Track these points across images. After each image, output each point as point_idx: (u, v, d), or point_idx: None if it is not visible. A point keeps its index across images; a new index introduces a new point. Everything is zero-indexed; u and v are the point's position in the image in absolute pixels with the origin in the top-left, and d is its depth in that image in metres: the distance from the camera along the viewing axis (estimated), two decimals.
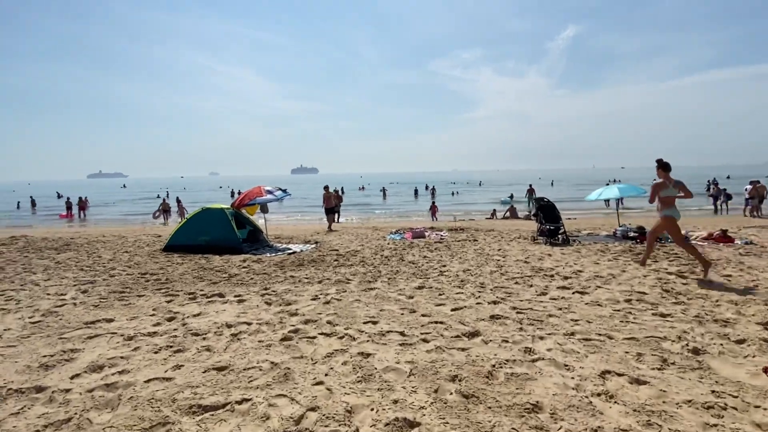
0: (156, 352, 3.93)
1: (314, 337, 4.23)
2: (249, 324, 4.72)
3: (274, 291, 6.26)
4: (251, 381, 3.30)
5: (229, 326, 4.66)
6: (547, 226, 10.21)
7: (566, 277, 6.70)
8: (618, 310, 4.95)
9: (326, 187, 16.65)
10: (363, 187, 66.73)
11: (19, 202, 41.66)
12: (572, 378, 3.24)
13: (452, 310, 5.10)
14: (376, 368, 3.46)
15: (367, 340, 4.12)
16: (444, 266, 7.92)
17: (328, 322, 4.71)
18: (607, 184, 13.49)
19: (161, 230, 16.55)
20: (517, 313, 4.93)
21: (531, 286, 6.23)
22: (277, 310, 5.26)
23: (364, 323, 4.67)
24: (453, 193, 48.76)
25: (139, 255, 9.89)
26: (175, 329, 4.59)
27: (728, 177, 56.55)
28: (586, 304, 5.26)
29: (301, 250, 10.46)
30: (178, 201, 26.17)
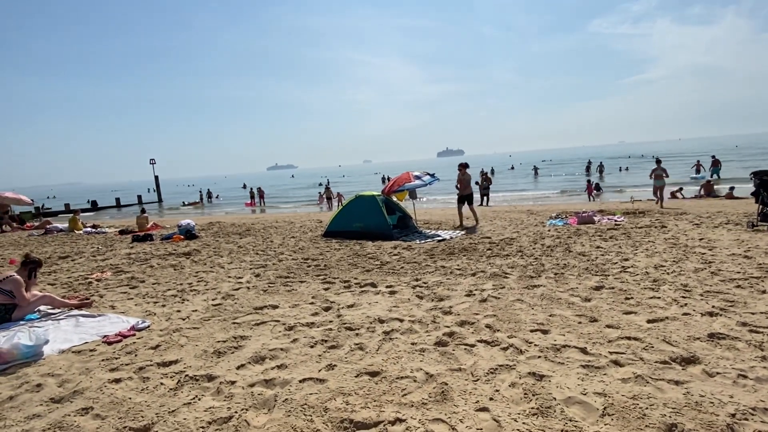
0: (312, 346, 3.87)
1: (473, 345, 3.69)
2: (401, 321, 4.41)
3: (425, 283, 5.91)
4: (405, 395, 2.93)
5: (381, 321, 4.43)
6: None
7: None
8: None
9: (463, 166, 12.27)
10: (513, 167, 63.15)
11: (208, 191, 49.54)
12: None
13: (649, 321, 4.00)
14: (555, 398, 2.76)
15: (539, 356, 3.41)
16: (626, 260, 6.55)
17: (488, 326, 4.11)
18: None
19: (323, 216, 17.92)
20: (751, 332, 3.61)
21: (764, 292, 4.61)
22: (429, 306, 4.86)
23: (532, 331, 3.94)
24: (621, 169, 42.52)
25: (303, 240, 10.66)
26: (330, 321, 4.54)
27: None
28: None
29: (451, 237, 9.99)
30: (327, 188, 28.40)
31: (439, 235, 10.33)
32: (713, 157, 26.16)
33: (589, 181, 23.92)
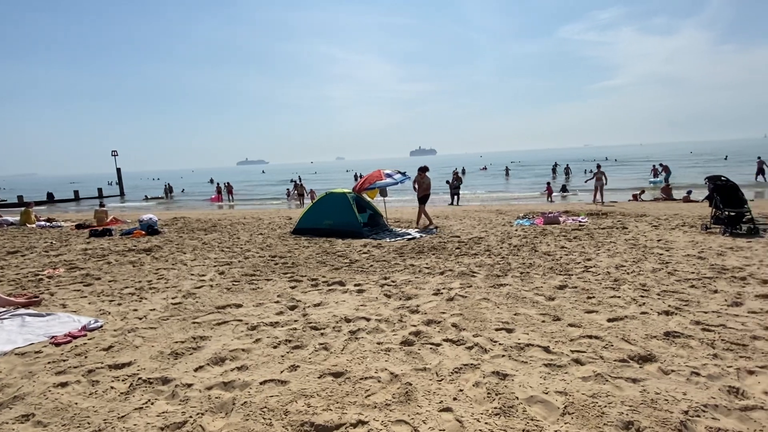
0: (275, 347, 3.77)
1: (438, 345, 3.67)
2: (368, 320, 4.36)
3: (393, 281, 5.88)
4: (369, 396, 2.88)
5: (347, 321, 4.36)
6: (727, 212, 8.12)
7: (766, 281, 5.08)
8: None
9: (422, 169, 11.76)
10: (486, 167, 64.13)
11: (169, 185, 47.85)
12: None
13: (609, 320, 4.10)
14: (517, 397, 2.77)
15: (503, 355, 3.43)
16: (589, 260, 6.72)
17: (454, 325, 4.11)
18: None
19: (293, 212, 17.65)
20: (704, 330, 3.75)
21: (715, 292, 4.82)
22: (397, 305, 4.83)
23: (497, 330, 3.97)
24: (585, 171, 43.87)
25: (272, 237, 10.44)
26: (295, 320, 4.44)
27: None
28: None
29: (420, 236, 10.01)
30: (296, 184, 28.16)
31: (409, 234, 10.35)
32: (661, 164, 28.00)
33: (548, 183, 24.56)
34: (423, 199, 11.62)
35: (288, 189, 33.64)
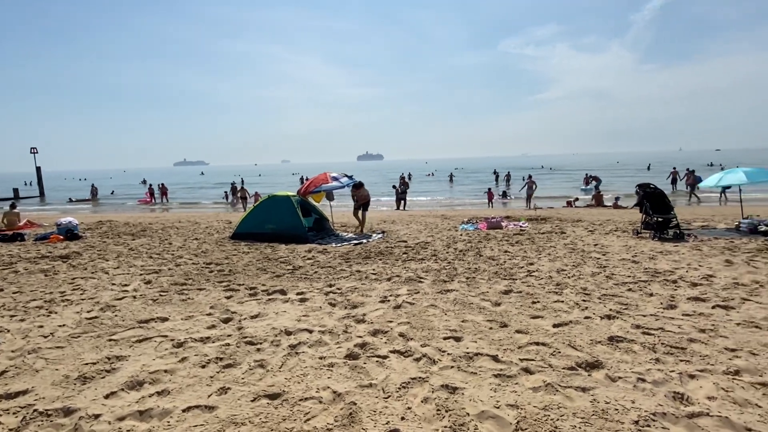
0: (203, 366, 3.37)
1: (385, 357, 3.45)
2: (310, 332, 4.06)
3: (338, 289, 5.60)
4: (308, 419, 2.59)
5: (288, 333, 4.03)
6: (656, 218, 8.62)
7: (695, 284, 5.35)
8: None
9: (357, 186, 11.22)
10: (433, 173, 65.26)
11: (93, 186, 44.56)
12: None
13: (555, 326, 4.08)
14: (468, 413, 2.60)
15: (452, 366, 3.27)
16: (531, 264, 6.82)
17: (401, 335, 3.92)
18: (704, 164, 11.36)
19: (233, 216, 16.80)
20: (644, 334, 3.82)
21: (651, 295, 4.99)
22: (342, 314, 4.57)
23: (445, 339, 3.82)
24: (523, 179, 45.90)
25: (208, 242, 9.78)
26: (229, 335, 4.04)
27: None
28: (738, 324, 3.99)
29: (367, 241, 9.80)
30: (233, 188, 27.08)
31: (355, 239, 10.10)
32: (587, 175, 30.26)
33: (489, 189, 25.38)
34: (365, 205, 11.41)
35: (226, 192, 32.09)
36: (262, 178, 70.84)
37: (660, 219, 8.63)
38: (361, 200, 11.35)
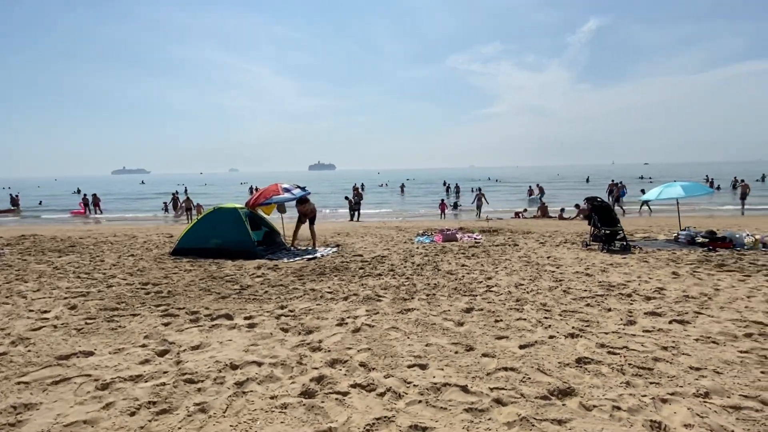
0: (132, 414, 2.88)
1: (346, 393, 3.12)
2: (259, 365, 3.64)
3: (291, 311, 5.19)
4: None
5: (234, 367, 3.59)
6: (604, 230, 8.89)
7: (649, 298, 5.44)
8: (745, 352, 3.71)
9: (302, 201, 10.56)
10: (386, 184, 65.44)
11: (10, 195, 41.03)
12: None
13: (521, 347, 3.93)
14: None
15: (419, 400, 2.99)
16: (489, 278, 6.73)
17: (362, 364, 3.60)
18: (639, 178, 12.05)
19: (175, 229, 15.75)
20: (610, 353, 3.74)
21: (609, 310, 5.00)
22: (295, 342, 4.18)
23: (409, 367, 3.55)
24: (472, 190, 47.01)
25: (146, 259, 8.98)
26: (165, 371, 3.54)
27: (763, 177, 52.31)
28: (697, 340, 4.02)
29: (322, 255, 9.40)
30: (174, 198, 25.73)
31: (309, 253, 9.66)
32: (530, 187, 31.60)
33: (442, 200, 25.69)
34: (311, 219, 10.94)
35: (165, 203, 30.26)
36: (208, 188, 68.03)
37: (608, 231, 8.90)
38: (309, 214, 10.85)
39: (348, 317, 4.91)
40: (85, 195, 30.94)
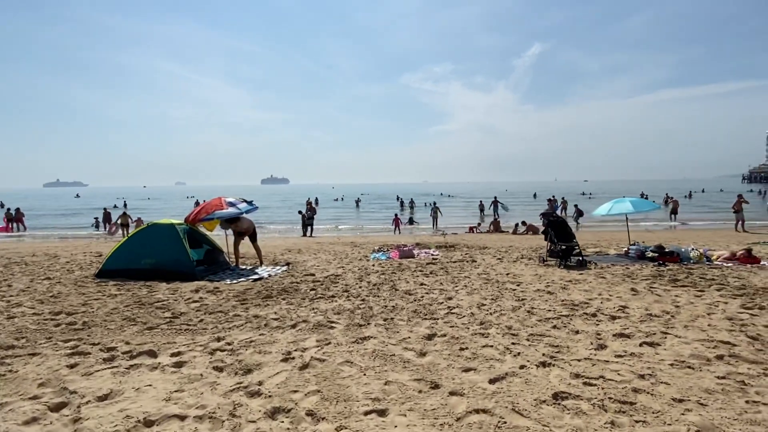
0: None
1: None
2: (182, 419, 2.96)
3: (229, 344, 4.50)
4: None
5: (148, 424, 2.89)
6: (560, 246, 8.82)
7: (614, 317, 5.23)
8: (723, 378, 3.48)
9: (233, 219, 9.63)
10: (342, 198, 64.66)
11: None
12: None
13: (491, 381, 3.49)
14: None
15: None
16: (450, 299, 6.34)
17: (309, 413, 3.02)
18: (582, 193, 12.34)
19: (107, 247, 14.33)
20: (586, 384, 3.39)
21: (577, 332, 4.71)
22: (230, 385, 3.52)
23: (366, 414, 3.01)
24: (426, 204, 47.36)
25: (65, 283, 7.87)
26: None
27: (703, 191, 56.82)
28: (672, 365, 3.77)
29: (269, 275, 8.67)
30: (106, 213, 24.09)
31: (255, 273, 8.89)
32: (481, 202, 32.20)
33: (396, 215, 25.47)
34: (252, 236, 10.18)
35: (96, 218, 28.03)
36: (151, 202, 64.38)
37: (564, 246, 8.84)
38: (245, 232, 10.03)
39: (295, 350, 4.30)
40: (9, 209, 28.00)
